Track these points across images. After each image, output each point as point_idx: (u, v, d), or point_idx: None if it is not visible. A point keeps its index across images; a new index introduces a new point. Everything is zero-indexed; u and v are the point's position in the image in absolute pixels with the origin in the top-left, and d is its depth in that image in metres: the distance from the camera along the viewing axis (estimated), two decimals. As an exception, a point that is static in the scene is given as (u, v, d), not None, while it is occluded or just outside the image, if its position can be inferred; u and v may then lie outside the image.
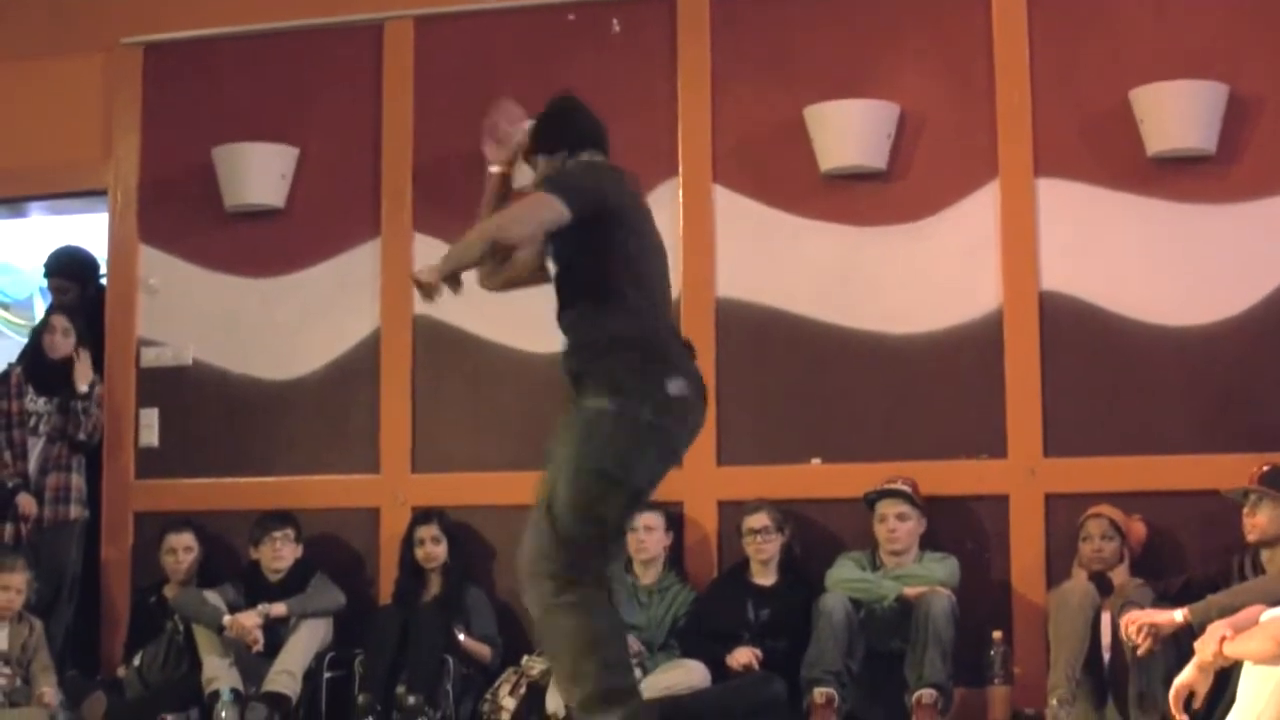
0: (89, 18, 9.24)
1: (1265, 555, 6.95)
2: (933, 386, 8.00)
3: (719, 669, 7.49)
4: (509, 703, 7.62)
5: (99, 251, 9.48)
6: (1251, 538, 7.00)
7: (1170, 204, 7.82)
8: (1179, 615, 6.43)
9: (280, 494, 8.61)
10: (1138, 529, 7.53)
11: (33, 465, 8.55)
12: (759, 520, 7.78)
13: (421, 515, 8.25)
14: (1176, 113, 7.74)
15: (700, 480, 8.08)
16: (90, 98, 9.27)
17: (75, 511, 8.63)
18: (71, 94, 9.31)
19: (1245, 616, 5.11)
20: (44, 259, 9.72)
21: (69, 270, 9.52)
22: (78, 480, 8.66)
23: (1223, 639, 4.99)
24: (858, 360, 8.10)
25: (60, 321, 8.80)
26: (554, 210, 5.30)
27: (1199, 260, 7.78)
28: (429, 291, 5.22)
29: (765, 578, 7.80)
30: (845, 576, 7.55)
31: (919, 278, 8.06)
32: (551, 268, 5.57)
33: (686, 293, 8.13)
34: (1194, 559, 7.41)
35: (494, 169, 5.73)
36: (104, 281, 9.39)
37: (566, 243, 5.44)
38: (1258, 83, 7.78)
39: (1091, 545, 7.40)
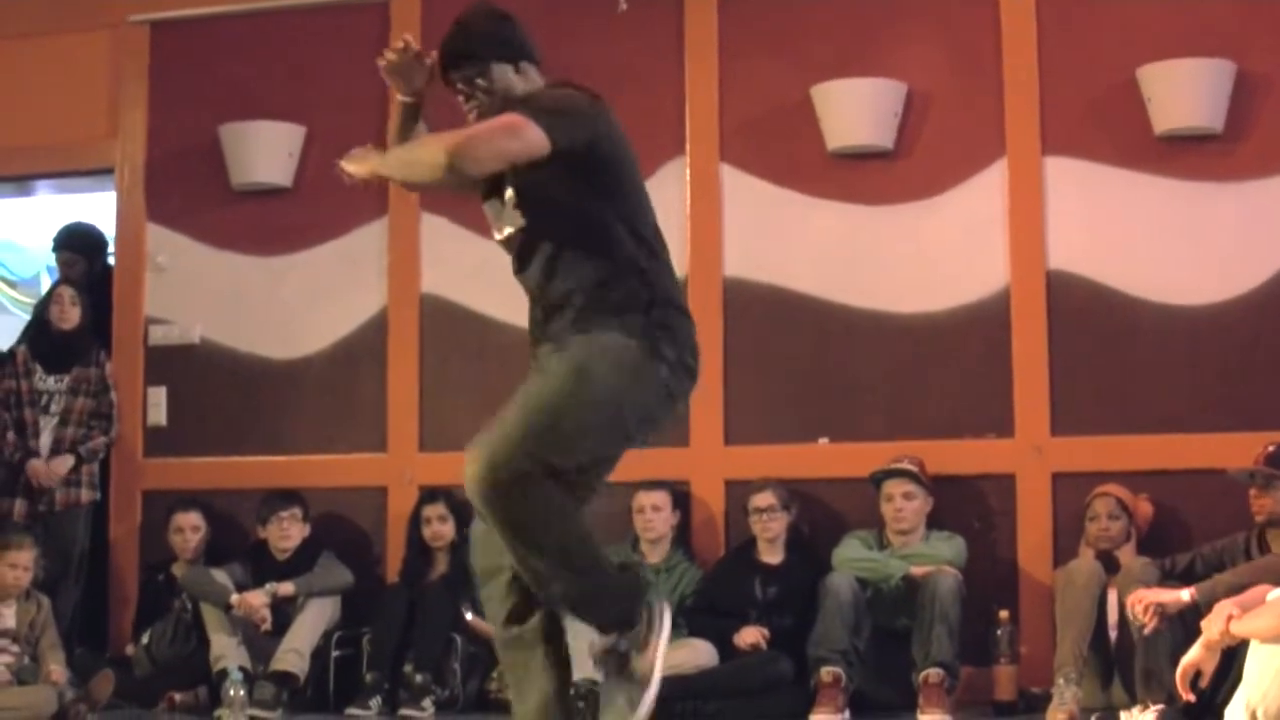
0: (96, -6, 9.26)
1: (1272, 535, 6.95)
2: (940, 365, 8.01)
3: (726, 648, 7.50)
4: (516, 681, 7.63)
5: (106, 230, 9.48)
6: (1259, 518, 7.00)
7: (1178, 182, 7.82)
8: (1186, 594, 6.44)
9: (288, 473, 8.60)
10: (1144, 508, 7.53)
11: (45, 444, 8.55)
12: (764, 499, 7.78)
13: (428, 494, 8.25)
14: (1184, 91, 7.73)
15: (707, 459, 8.10)
16: (97, 75, 9.27)
17: (86, 495, 8.64)
18: (78, 72, 9.30)
19: (1252, 595, 5.12)
20: (52, 235, 9.72)
21: (78, 244, 9.52)
22: (89, 464, 8.67)
23: (1229, 618, 5.00)
24: (865, 339, 8.10)
25: (68, 291, 8.79)
26: (527, 139, 4.52)
27: (1206, 239, 7.79)
28: (349, 178, 4.85)
29: (772, 556, 7.80)
30: (852, 555, 7.56)
31: (926, 256, 8.06)
32: (517, 214, 4.78)
33: (693, 272, 8.15)
34: (1201, 538, 7.36)
35: (403, 99, 4.99)
36: (111, 260, 9.39)
37: (556, 179, 4.66)
38: (1265, 61, 7.77)
39: (1098, 524, 7.41)
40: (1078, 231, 7.92)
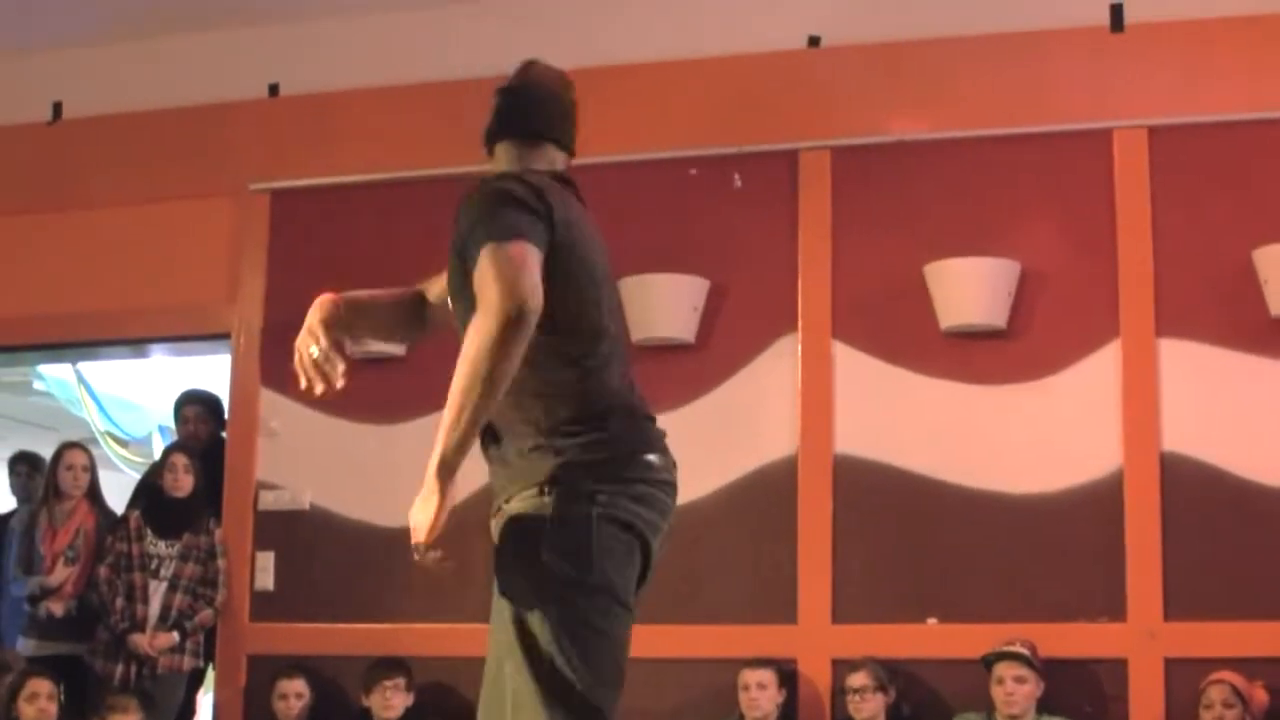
0: (219, 163, 9.37)
1: (1394, 728, 6.84)
2: (1052, 547, 7.92)
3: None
4: None
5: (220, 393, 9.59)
6: (1380, 710, 6.89)
7: (1295, 366, 7.77)
8: (1304, 789, 6.33)
9: (394, 641, 8.59)
10: (1260, 696, 7.41)
11: (153, 611, 8.58)
12: (859, 679, 7.73)
13: (535, 665, 8.22)
14: (1302, 274, 7.70)
15: (814, 638, 8.04)
16: (217, 241, 9.38)
17: (189, 663, 8.67)
18: (199, 237, 9.42)
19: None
20: (169, 395, 9.82)
21: (210, 401, 9.63)
22: (194, 635, 8.71)
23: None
24: (976, 519, 8.03)
25: (182, 460, 8.88)
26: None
27: (1324, 423, 7.71)
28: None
29: (872, 734, 7.76)
30: (962, 739, 7.49)
31: (1039, 437, 8.01)
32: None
33: (804, 448, 8.14)
34: (1319, 729, 7.27)
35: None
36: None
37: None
38: (1386, 246, 7.73)
39: (1213, 713, 7.29)
40: (1192, 414, 7.85)
